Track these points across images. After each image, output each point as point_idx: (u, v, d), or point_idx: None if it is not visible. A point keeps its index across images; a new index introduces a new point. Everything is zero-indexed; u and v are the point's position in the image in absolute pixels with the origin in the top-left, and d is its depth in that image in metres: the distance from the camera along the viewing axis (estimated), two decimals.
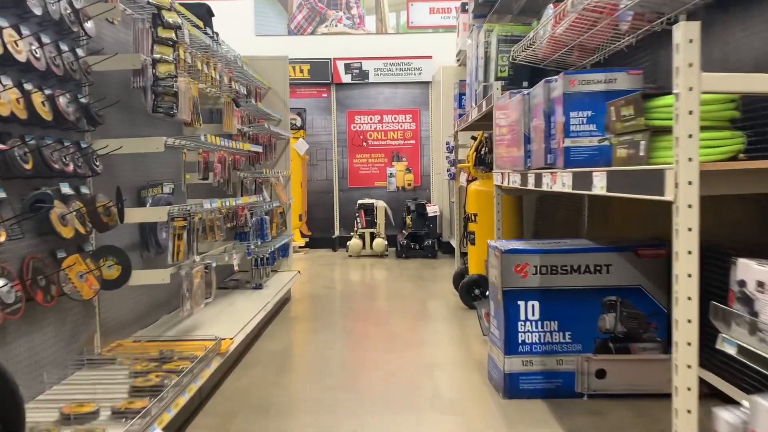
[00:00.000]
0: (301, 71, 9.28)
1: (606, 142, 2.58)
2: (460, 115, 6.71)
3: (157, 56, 2.94)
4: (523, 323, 3.13)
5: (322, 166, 9.46)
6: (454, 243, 7.47)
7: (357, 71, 9.26)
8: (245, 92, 5.08)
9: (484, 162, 5.33)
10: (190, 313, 3.24)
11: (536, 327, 3.13)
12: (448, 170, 7.13)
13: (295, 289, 5.97)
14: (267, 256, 4.91)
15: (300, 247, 8.95)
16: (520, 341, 3.13)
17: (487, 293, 5.34)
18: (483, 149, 5.44)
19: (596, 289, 3.13)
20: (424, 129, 9.42)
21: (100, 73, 2.92)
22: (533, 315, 3.14)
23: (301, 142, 8.79)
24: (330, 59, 9.25)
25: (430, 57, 9.20)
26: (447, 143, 7.11)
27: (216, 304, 4.29)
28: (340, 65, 9.25)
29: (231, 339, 3.29)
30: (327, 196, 9.47)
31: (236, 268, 3.92)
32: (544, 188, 2.90)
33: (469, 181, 5.52)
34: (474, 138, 5.42)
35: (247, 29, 9.19)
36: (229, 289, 4.93)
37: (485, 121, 5.59)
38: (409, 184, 9.41)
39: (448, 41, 8.60)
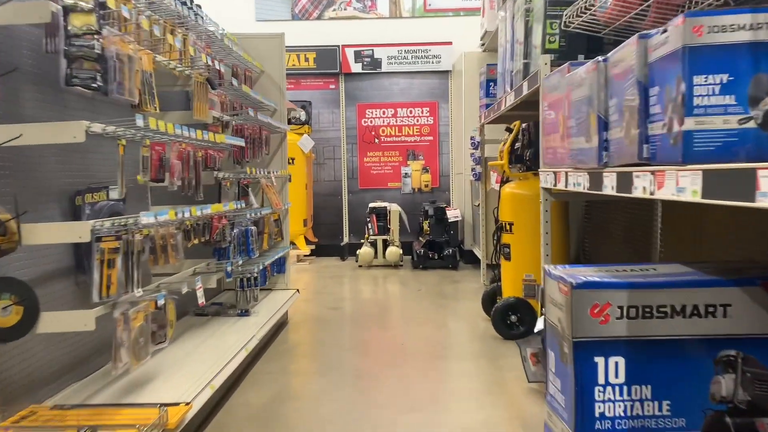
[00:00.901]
0: (306, 60, 8.36)
1: (751, 123, 1.64)
2: (488, 106, 5.77)
3: (70, 1, 2.01)
4: (601, 389, 2.17)
5: (329, 165, 8.54)
6: (479, 253, 6.51)
7: (368, 60, 8.32)
8: (231, 75, 4.17)
9: (521, 159, 4.37)
10: (127, 370, 2.31)
11: (621, 394, 2.17)
12: (472, 170, 6.18)
13: (294, 310, 5.05)
14: (254, 275, 3.98)
15: (305, 256, 8.03)
16: (597, 414, 2.17)
17: (529, 324, 4.41)
18: (519, 144, 4.48)
19: (707, 340, 2.16)
20: (443, 124, 8.46)
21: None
22: (617, 377, 2.17)
23: (305, 138, 7.86)
24: (338, 46, 8.32)
25: (450, 43, 8.24)
26: (472, 138, 6.16)
27: (184, 341, 3.36)
28: (350, 53, 8.32)
29: (188, 404, 2.35)
30: (335, 199, 8.54)
31: (201, 301, 2.99)
32: (637, 194, 1.96)
33: (502, 182, 4.56)
34: (509, 130, 4.46)
35: (247, 14, 8.29)
36: (209, 316, 4.01)
37: (522, 110, 4.63)
38: (426, 186, 8.46)
39: (470, 25, 7.64)
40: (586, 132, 2.46)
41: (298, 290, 4.97)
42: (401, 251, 7.37)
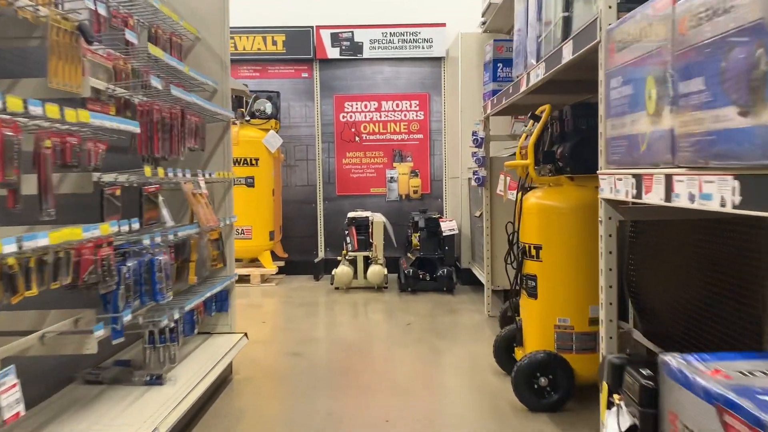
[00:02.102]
0: (274, 43, 7.10)
1: None
2: (495, 92, 4.55)
3: None
4: None
5: (301, 167, 7.28)
6: (479, 273, 5.29)
7: (347, 44, 7.08)
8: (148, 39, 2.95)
9: (551, 158, 3.15)
10: None
11: None
12: (474, 173, 4.96)
13: (245, 357, 3.80)
14: (167, 326, 2.72)
15: (272, 275, 6.76)
16: None
17: (565, 390, 3.14)
18: (548, 137, 3.26)
19: None
20: (434, 119, 7.23)
21: None
22: None
23: (272, 135, 6.60)
24: (312, 28, 7.07)
25: (444, 25, 7.03)
26: (473, 134, 4.94)
27: None
28: (326, 36, 7.07)
29: None
30: (308, 207, 7.28)
31: (11, 414, 1.71)
32: None
33: (521, 189, 3.34)
34: (536, 117, 3.24)
35: None
36: (104, 384, 2.75)
37: (545, 93, 3.44)
38: (416, 192, 7.23)
39: (466, 3, 6.43)
40: (744, 96, 1.23)
41: (246, 334, 3.70)
42: (386, 270, 6.13)
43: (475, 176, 4.93)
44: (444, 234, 5.99)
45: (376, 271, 6.03)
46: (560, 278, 3.04)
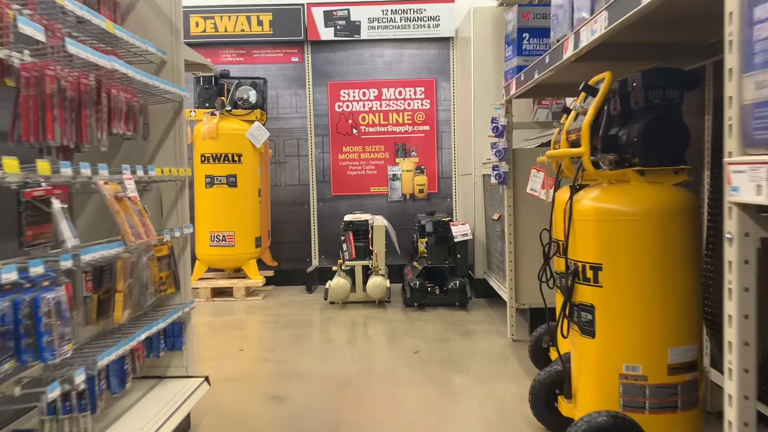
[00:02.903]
0: (260, 23, 6.26)
1: None
2: (520, 69, 3.73)
3: None
4: None
5: (292, 164, 6.44)
6: (497, 285, 4.42)
7: (343, 23, 6.24)
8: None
9: (614, 144, 2.30)
10: None
11: None
12: (494, 168, 4.11)
13: (211, 401, 2.97)
14: (76, 387, 1.89)
15: (258, 288, 5.93)
16: None
17: None
18: (605, 117, 2.41)
19: None
20: (442, 108, 6.39)
21: None
22: None
23: (257, 128, 5.77)
24: (302, 5, 6.24)
25: (452, 0, 6.19)
26: (493, 122, 4.09)
27: None
28: (318, 14, 6.23)
29: None
30: (300, 210, 6.44)
31: None
32: None
33: (575, 189, 2.49)
34: (591, 90, 2.39)
35: None
36: None
37: (595, 61, 2.62)
38: (421, 191, 6.38)
39: None
40: None
41: (207, 378, 2.87)
42: (388, 283, 5.29)
43: (495, 172, 4.09)
44: (455, 240, 5.14)
45: (377, 283, 5.19)
46: (628, 310, 2.21)
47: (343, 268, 5.34)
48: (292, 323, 4.78)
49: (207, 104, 5.83)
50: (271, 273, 6.32)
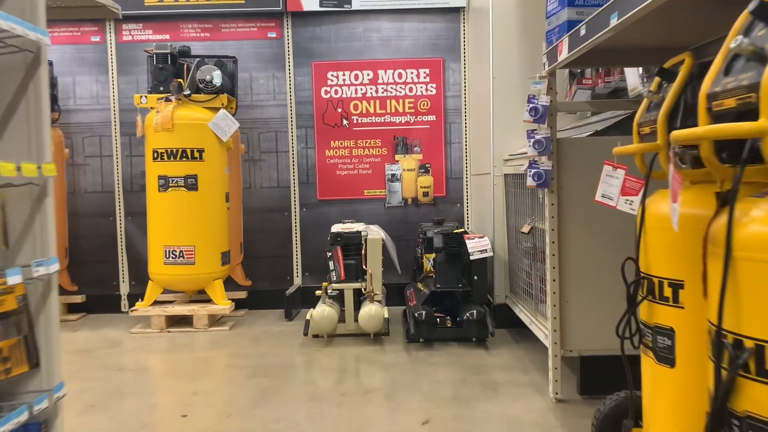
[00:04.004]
0: None
1: None
2: (571, 25, 2.65)
3: None
4: None
5: (269, 162, 5.32)
6: (534, 322, 3.23)
7: None
8: None
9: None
10: None
11: None
12: (531, 165, 2.98)
13: None
14: None
15: (226, 315, 4.80)
16: None
17: None
18: (683, 104, 1.32)
19: None
20: (452, 94, 5.27)
21: None
22: None
23: (222, 116, 4.65)
24: None
25: None
26: (530, 101, 2.97)
27: None
28: None
29: None
30: (279, 218, 5.32)
31: None
32: None
33: (729, 199, 1.38)
34: (666, 74, 1.36)
35: None
36: None
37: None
38: (426, 194, 5.27)
39: None
40: None
41: None
42: (385, 312, 4.16)
43: (532, 170, 2.97)
44: (472, 258, 4.03)
45: (372, 312, 4.07)
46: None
47: (329, 292, 4.21)
48: (261, 369, 3.65)
49: (162, 88, 4.71)
50: (243, 294, 5.20)
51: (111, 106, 5.24)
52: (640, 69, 3.14)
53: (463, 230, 4.23)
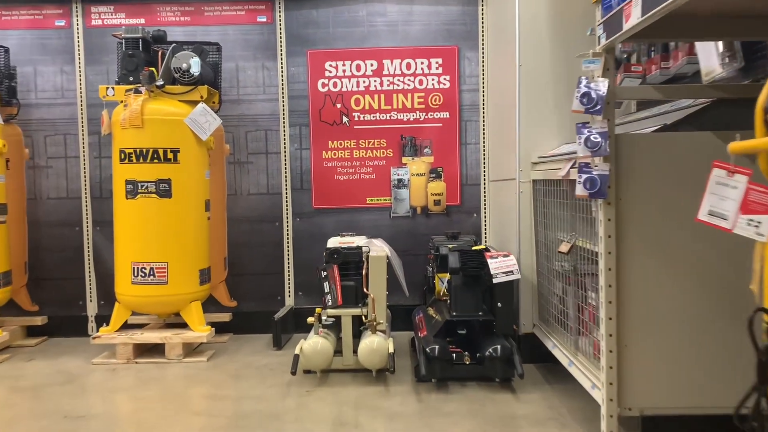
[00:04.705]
0: None
1: None
2: None
3: None
4: None
5: (258, 165, 4.64)
6: (568, 358, 2.50)
7: None
8: None
9: None
10: None
11: None
12: (582, 169, 2.30)
13: None
14: None
15: (206, 343, 4.11)
16: None
17: None
18: None
19: None
20: (468, 87, 4.59)
21: None
22: None
23: (201, 111, 3.99)
24: None
25: None
26: (583, 85, 2.28)
27: None
28: None
29: None
30: (269, 229, 4.64)
31: None
32: None
33: None
34: None
35: None
36: None
37: None
38: (438, 203, 4.59)
39: None
40: None
41: None
42: (391, 346, 3.47)
43: (584, 176, 2.29)
44: (495, 280, 3.34)
45: (375, 346, 3.38)
46: None
47: (323, 321, 3.53)
48: (237, 419, 2.97)
49: (131, 78, 4.05)
50: (226, 317, 4.53)
51: (78, 100, 4.58)
52: (720, 46, 2.47)
53: (483, 247, 3.54)
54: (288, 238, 4.61)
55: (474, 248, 3.54)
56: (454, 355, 3.34)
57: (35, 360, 4.08)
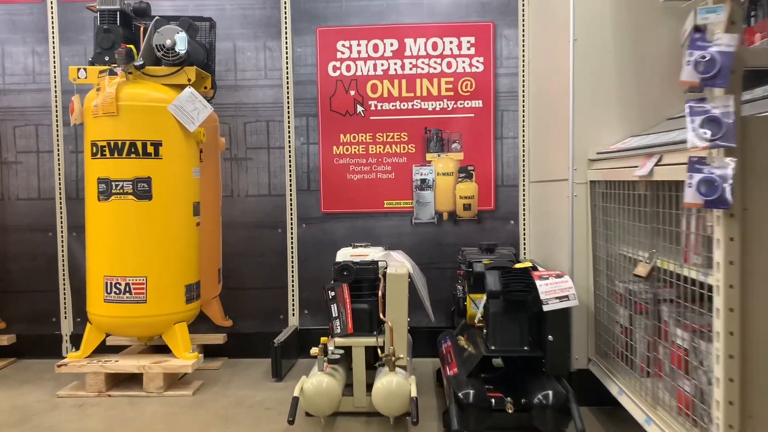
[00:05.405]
0: None
1: None
2: None
3: None
4: None
5: (258, 162, 3.99)
6: (656, 422, 1.85)
7: None
8: None
9: None
10: None
11: None
12: (694, 166, 1.61)
13: None
14: None
15: (193, 373, 3.46)
16: None
17: None
18: None
19: None
20: (505, 71, 3.89)
21: None
22: None
23: (189, 97, 3.34)
24: None
25: None
26: (697, 46, 1.58)
27: None
28: None
29: None
30: (271, 237, 3.99)
31: None
32: None
33: None
34: None
35: None
36: None
37: None
38: (468, 208, 3.91)
39: None
40: None
41: None
42: (413, 386, 2.78)
43: (696, 175, 1.59)
44: (546, 307, 2.65)
45: (393, 388, 2.70)
46: None
47: (330, 354, 2.85)
48: None
49: (107, 58, 3.41)
50: (220, 339, 3.88)
51: (51, 85, 3.97)
52: None
53: (529, 264, 2.85)
54: (292, 248, 3.95)
55: (517, 266, 2.85)
56: (493, 400, 2.66)
57: None
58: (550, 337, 2.69)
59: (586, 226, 2.99)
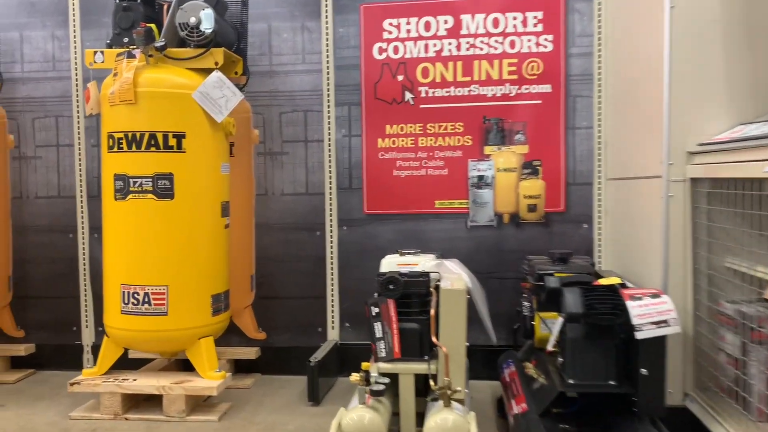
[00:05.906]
0: None
1: None
2: None
3: None
4: None
5: (295, 157, 3.57)
6: None
7: None
8: None
9: None
10: None
11: None
12: None
13: None
14: None
15: (219, 395, 3.06)
16: None
17: None
18: None
19: None
20: (578, 51, 3.37)
21: None
22: None
23: (215, 83, 2.94)
24: None
25: None
26: None
27: None
28: None
29: None
30: (308, 240, 3.57)
31: None
32: None
33: None
34: None
35: None
36: None
37: None
38: (533, 209, 3.40)
39: None
40: None
41: None
42: (473, 423, 2.31)
43: None
44: (641, 335, 2.14)
45: (449, 426, 2.23)
46: None
47: (373, 384, 2.40)
48: None
49: (126, 39, 3.05)
50: (252, 353, 3.49)
51: (72, 72, 3.65)
52: None
53: (618, 281, 2.33)
54: (332, 253, 3.52)
55: (601, 281, 2.34)
56: None
57: (4, 408, 3.15)
58: (643, 370, 2.18)
59: (683, 233, 2.46)
